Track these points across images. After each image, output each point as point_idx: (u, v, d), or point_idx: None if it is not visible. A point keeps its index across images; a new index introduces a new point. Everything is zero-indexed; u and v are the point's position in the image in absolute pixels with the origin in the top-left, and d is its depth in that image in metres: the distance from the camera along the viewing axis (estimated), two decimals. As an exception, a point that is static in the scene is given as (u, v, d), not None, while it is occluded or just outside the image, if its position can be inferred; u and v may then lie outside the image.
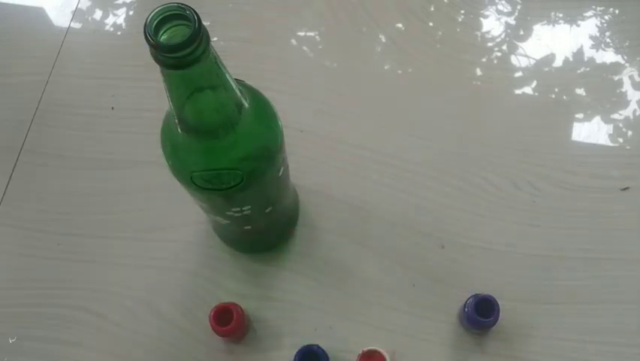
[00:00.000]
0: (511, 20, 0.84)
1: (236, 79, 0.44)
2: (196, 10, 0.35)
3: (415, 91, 0.80)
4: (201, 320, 0.66)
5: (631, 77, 0.79)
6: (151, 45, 0.34)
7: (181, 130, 0.43)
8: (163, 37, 0.35)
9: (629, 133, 0.76)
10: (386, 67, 0.82)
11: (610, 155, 0.75)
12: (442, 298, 0.68)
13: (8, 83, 0.85)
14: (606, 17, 0.83)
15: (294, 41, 0.84)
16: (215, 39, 0.90)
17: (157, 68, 0.89)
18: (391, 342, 0.66)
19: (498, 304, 0.62)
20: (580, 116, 0.77)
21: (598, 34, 0.82)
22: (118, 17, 0.87)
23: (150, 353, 0.67)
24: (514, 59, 0.81)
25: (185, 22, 0.35)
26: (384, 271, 0.70)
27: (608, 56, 0.81)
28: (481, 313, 0.62)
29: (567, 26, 0.83)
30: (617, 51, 0.81)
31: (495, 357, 0.66)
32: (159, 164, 0.81)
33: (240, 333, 0.66)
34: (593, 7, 0.84)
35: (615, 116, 0.77)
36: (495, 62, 0.81)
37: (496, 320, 0.62)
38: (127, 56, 0.84)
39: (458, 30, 0.84)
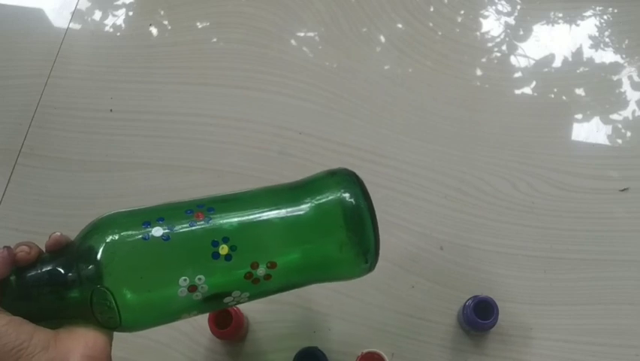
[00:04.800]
0: (511, 20, 0.84)
1: None
2: (197, 11, 0.35)
3: (414, 92, 0.80)
4: (200, 322, 0.66)
5: (630, 77, 0.79)
6: None
7: None
8: None
9: (628, 134, 0.76)
10: (385, 67, 0.81)
11: (609, 156, 0.75)
12: (441, 299, 0.68)
13: (6, 85, 0.85)
14: (605, 17, 0.83)
15: (293, 42, 0.84)
16: (214, 40, 0.90)
17: (156, 69, 0.89)
18: (390, 344, 0.67)
19: (497, 306, 0.62)
20: (579, 116, 0.77)
21: (597, 34, 0.82)
22: (117, 18, 0.87)
23: (149, 355, 0.68)
24: (513, 60, 0.81)
25: None
26: (384, 273, 0.70)
27: (608, 56, 0.81)
28: (480, 315, 0.62)
29: (566, 26, 0.83)
30: (617, 51, 0.81)
31: (494, 358, 0.66)
32: (157, 166, 0.82)
33: (238, 335, 0.66)
34: (592, 7, 0.84)
35: (614, 116, 0.77)
36: (494, 62, 0.81)
37: (495, 321, 0.62)
38: (126, 57, 0.84)
39: (457, 30, 0.83)
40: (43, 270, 0.38)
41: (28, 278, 0.37)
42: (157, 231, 0.39)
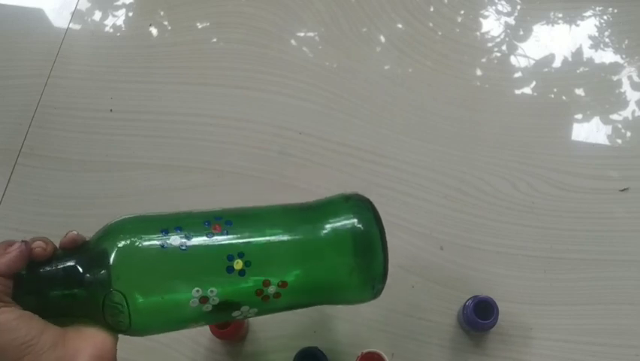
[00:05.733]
0: (511, 20, 0.84)
1: None
2: (197, 11, 0.35)
3: (414, 92, 0.80)
4: (200, 322, 0.66)
5: (630, 78, 0.79)
6: None
7: None
8: None
9: (628, 134, 0.76)
10: (385, 67, 0.81)
11: (609, 156, 0.75)
12: (441, 299, 0.68)
13: (6, 85, 0.85)
14: (605, 17, 0.83)
15: (293, 42, 0.84)
16: (214, 40, 0.90)
17: (156, 69, 0.89)
18: (390, 344, 0.66)
19: (497, 306, 0.62)
20: (579, 116, 0.77)
21: (597, 35, 0.82)
22: (117, 18, 0.87)
23: (150, 355, 0.67)
24: (513, 60, 0.81)
25: None
26: (384, 273, 0.70)
27: (607, 56, 0.81)
28: (480, 315, 0.62)
29: (566, 26, 0.83)
30: (616, 51, 0.81)
31: (494, 358, 0.66)
32: (157, 166, 0.82)
33: (238, 335, 0.66)
34: (592, 7, 0.84)
35: (614, 116, 0.77)
36: (494, 62, 0.81)
37: (495, 321, 0.62)
38: (126, 57, 0.84)
39: (457, 30, 0.83)
40: (58, 267, 0.38)
41: (43, 274, 0.37)
42: (175, 240, 0.39)
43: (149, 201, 0.76)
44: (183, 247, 0.39)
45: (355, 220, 0.44)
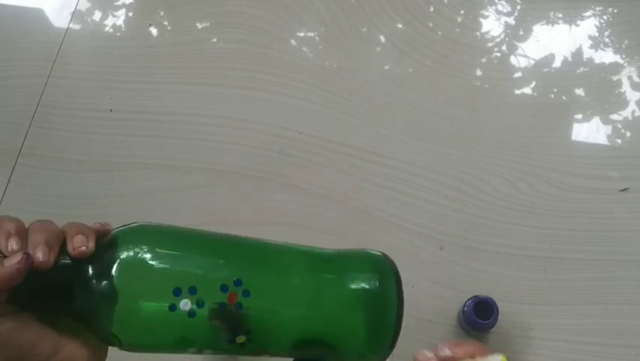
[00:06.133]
0: (511, 20, 0.84)
1: None
2: (197, 11, 0.35)
3: (414, 92, 0.80)
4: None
5: (630, 78, 0.79)
6: None
7: None
8: None
9: (628, 134, 0.76)
10: (385, 67, 0.81)
11: (609, 156, 0.75)
12: (441, 300, 0.68)
13: (6, 85, 0.85)
14: (605, 17, 0.83)
15: (293, 42, 0.84)
16: (214, 40, 0.90)
17: (156, 69, 0.89)
18: (390, 344, 0.66)
19: (497, 306, 0.62)
20: (579, 116, 0.77)
21: (597, 35, 0.82)
22: (117, 19, 0.87)
23: (148, 355, 0.67)
24: (513, 60, 0.81)
25: None
26: (384, 273, 0.70)
27: (607, 56, 0.81)
28: (480, 315, 0.62)
29: (566, 26, 0.83)
30: (616, 51, 0.81)
31: (494, 359, 0.66)
32: (157, 166, 0.82)
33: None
34: (592, 7, 0.84)
35: (614, 116, 0.77)
36: (494, 62, 0.81)
37: (495, 321, 0.62)
38: (126, 57, 0.84)
39: (457, 30, 0.83)
40: (58, 281, 0.36)
41: (43, 283, 0.36)
42: (185, 305, 0.38)
43: (149, 201, 0.76)
44: (191, 315, 0.38)
45: (377, 319, 0.40)
